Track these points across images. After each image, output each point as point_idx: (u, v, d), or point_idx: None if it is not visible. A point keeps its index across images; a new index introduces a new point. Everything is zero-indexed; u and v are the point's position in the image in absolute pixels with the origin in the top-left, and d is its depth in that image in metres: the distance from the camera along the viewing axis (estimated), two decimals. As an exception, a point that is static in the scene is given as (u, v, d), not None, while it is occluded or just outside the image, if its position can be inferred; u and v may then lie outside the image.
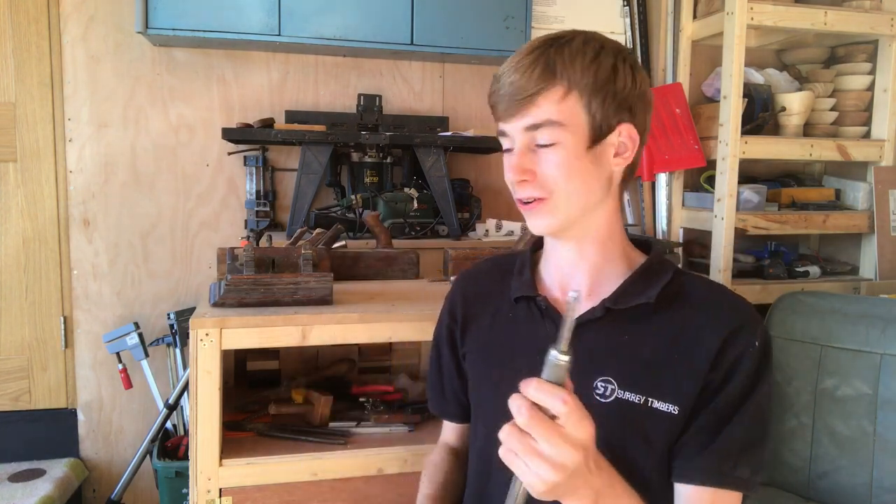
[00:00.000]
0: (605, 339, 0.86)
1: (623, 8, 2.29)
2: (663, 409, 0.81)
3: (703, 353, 0.81)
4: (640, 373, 0.84)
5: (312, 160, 1.93)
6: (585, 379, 0.85)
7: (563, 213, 0.86)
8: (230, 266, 1.40)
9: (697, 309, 0.85)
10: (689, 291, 0.87)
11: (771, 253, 2.20)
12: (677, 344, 0.83)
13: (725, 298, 0.86)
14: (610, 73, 0.82)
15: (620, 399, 0.83)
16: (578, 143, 0.83)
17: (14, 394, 2.03)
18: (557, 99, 0.82)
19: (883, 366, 1.55)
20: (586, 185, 0.85)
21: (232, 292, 1.34)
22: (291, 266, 1.43)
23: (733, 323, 0.82)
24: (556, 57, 0.82)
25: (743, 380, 0.80)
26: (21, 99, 1.96)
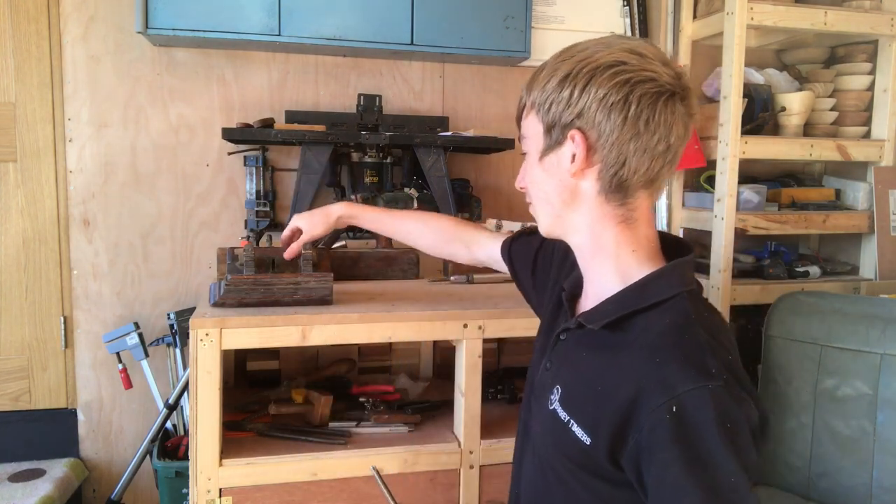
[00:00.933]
0: (573, 352, 0.89)
1: (623, 8, 2.29)
2: (579, 434, 0.80)
3: (618, 399, 0.75)
4: (575, 394, 0.84)
5: (312, 160, 1.93)
6: (551, 384, 0.90)
7: (542, 219, 0.92)
8: (230, 266, 1.40)
9: (636, 350, 0.78)
10: (648, 328, 0.79)
11: (771, 253, 2.20)
12: (605, 378, 0.79)
13: (666, 354, 0.75)
14: (558, 84, 0.82)
15: (555, 412, 0.86)
16: (536, 153, 0.88)
17: (14, 394, 2.03)
18: (525, 114, 0.89)
19: (883, 366, 1.55)
20: (544, 193, 0.89)
21: (232, 292, 1.34)
22: (292, 266, 1.44)
23: (652, 379, 0.73)
24: (531, 77, 0.87)
25: (662, 454, 0.69)
26: (21, 99, 1.96)
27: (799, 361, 1.68)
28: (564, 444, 0.83)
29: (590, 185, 0.84)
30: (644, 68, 0.79)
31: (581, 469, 0.82)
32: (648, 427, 0.71)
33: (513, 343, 1.80)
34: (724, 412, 0.69)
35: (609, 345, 0.82)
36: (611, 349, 0.81)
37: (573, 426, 0.81)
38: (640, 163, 0.81)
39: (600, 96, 0.79)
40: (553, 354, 0.92)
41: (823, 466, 1.61)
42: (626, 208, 0.84)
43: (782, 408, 1.70)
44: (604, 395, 0.78)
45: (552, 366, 0.92)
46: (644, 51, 0.81)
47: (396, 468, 1.37)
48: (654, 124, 0.79)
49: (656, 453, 0.70)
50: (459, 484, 1.41)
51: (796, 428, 1.66)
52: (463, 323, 1.37)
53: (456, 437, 1.44)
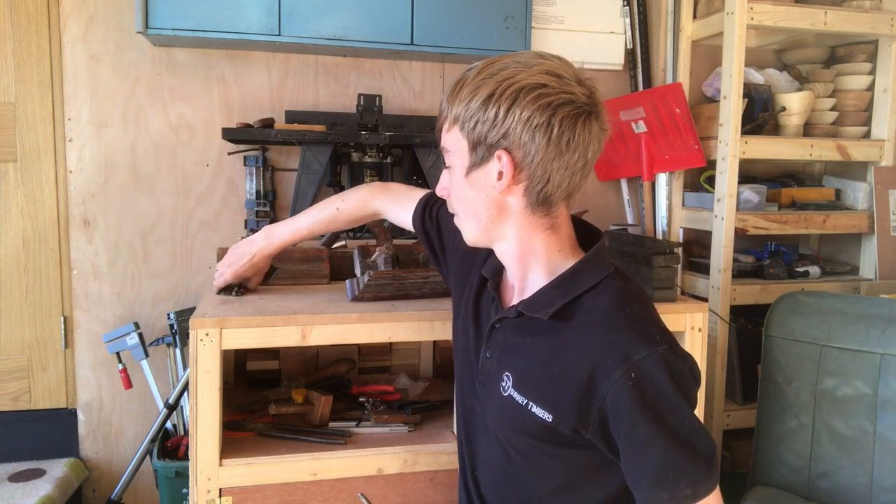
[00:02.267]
0: (513, 339, 0.95)
1: (623, 8, 2.29)
2: (540, 414, 0.88)
3: (575, 377, 0.85)
4: (529, 378, 0.90)
5: (312, 160, 1.93)
6: (499, 371, 0.96)
7: (467, 229, 0.95)
8: (362, 263, 1.47)
9: (585, 330, 0.87)
10: (591, 309, 0.88)
11: (771, 253, 2.20)
12: (560, 359, 0.87)
13: (617, 327, 0.85)
14: (482, 103, 0.87)
15: (511, 396, 0.92)
16: (461, 168, 0.91)
17: (14, 394, 2.03)
18: (446, 129, 0.92)
19: (883, 366, 1.56)
20: (470, 209, 0.93)
21: (372, 287, 1.39)
22: (413, 262, 1.53)
23: (613, 355, 0.82)
24: (452, 90, 0.91)
25: (631, 416, 0.80)
26: (21, 99, 1.96)
27: (799, 361, 1.68)
28: (524, 423, 0.90)
29: (516, 199, 0.90)
30: (563, 90, 0.85)
31: (543, 442, 0.90)
32: (612, 395, 0.81)
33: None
34: (673, 369, 0.82)
35: (554, 329, 0.90)
36: (558, 333, 0.89)
37: (532, 408, 0.89)
38: (562, 179, 0.88)
39: (525, 118, 0.85)
40: (491, 343, 0.98)
41: (823, 466, 1.61)
42: (550, 217, 0.92)
43: (782, 408, 1.70)
44: (561, 375, 0.86)
45: (493, 354, 0.98)
46: (562, 72, 0.87)
47: (396, 468, 1.37)
48: (574, 143, 0.86)
49: (623, 416, 0.81)
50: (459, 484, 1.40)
51: (796, 428, 1.66)
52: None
53: (456, 437, 1.44)
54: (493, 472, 1.01)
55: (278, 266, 1.56)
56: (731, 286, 2.03)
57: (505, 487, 1.00)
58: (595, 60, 2.28)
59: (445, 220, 1.18)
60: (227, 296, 1.42)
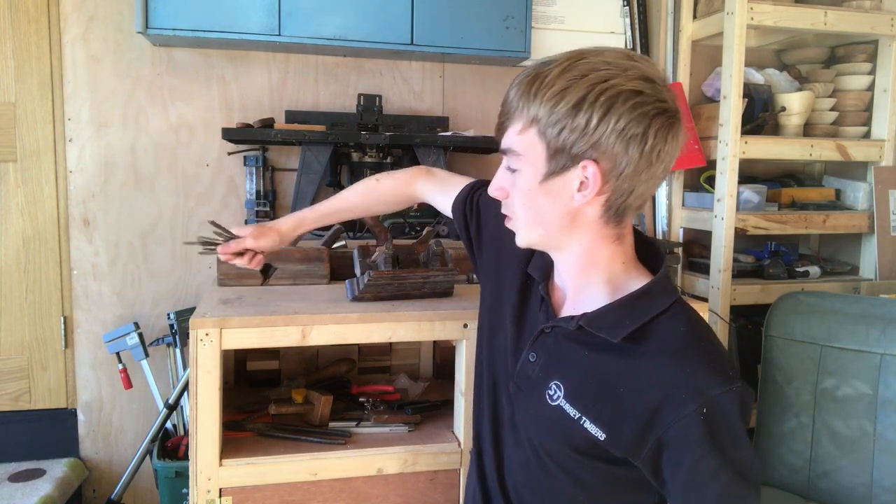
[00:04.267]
0: (567, 348, 0.90)
1: (623, 8, 2.29)
2: (592, 431, 0.84)
3: (642, 402, 0.81)
4: (585, 392, 0.86)
5: (312, 160, 1.93)
6: (545, 378, 0.91)
7: (526, 235, 0.90)
8: (362, 263, 1.46)
9: (659, 358, 0.83)
10: (665, 337, 0.84)
11: (771, 253, 2.20)
12: (628, 383, 0.83)
13: (692, 359, 0.82)
14: (571, 108, 0.79)
15: (561, 407, 0.87)
16: (534, 174, 0.84)
17: (14, 394, 2.03)
18: (519, 129, 0.84)
19: (883, 366, 1.55)
20: (539, 216, 0.86)
21: (372, 287, 1.39)
22: (413, 262, 1.52)
23: (685, 388, 0.79)
24: (528, 87, 0.82)
25: (695, 453, 0.78)
26: (21, 99, 1.96)
27: (799, 361, 1.68)
28: (571, 436, 0.86)
29: (593, 211, 0.85)
30: (658, 98, 0.80)
31: (587, 457, 0.87)
32: (679, 428, 0.79)
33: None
34: (743, 407, 0.80)
35: (622, 350, 0.85)
36: (627, 355, 0.84)
37: (585, 423, 0.85)
38: (644, 190, 0.84)
39: (620, 128, 0.78)
40: (538, 347, 0.93)
41: (823, 466, 1.61)
42: (619, 228, 0.87)
43: (782, 408, 1.70)
44: (626, 397, 0.82)
45: (539, 358, 0.93)
46: (653, 75, 0.81)
47: (396, 468, 1.37)
48: (663, 154, 0.82)
49: (688, 449, 0.78)
50: (459, 484, 1.41)
51: (796, 428, 1.66)
52: (463, 323, 1.37)
53: (456, 437, 1.44)
54: (519, 474, 0.97)
55: (278, 266, 1.55)
56: (731, 286, 2.03)
57: (531, 492, 0.96)
58: (595, 60, 2.28)
59: (486, 208, 1.13)
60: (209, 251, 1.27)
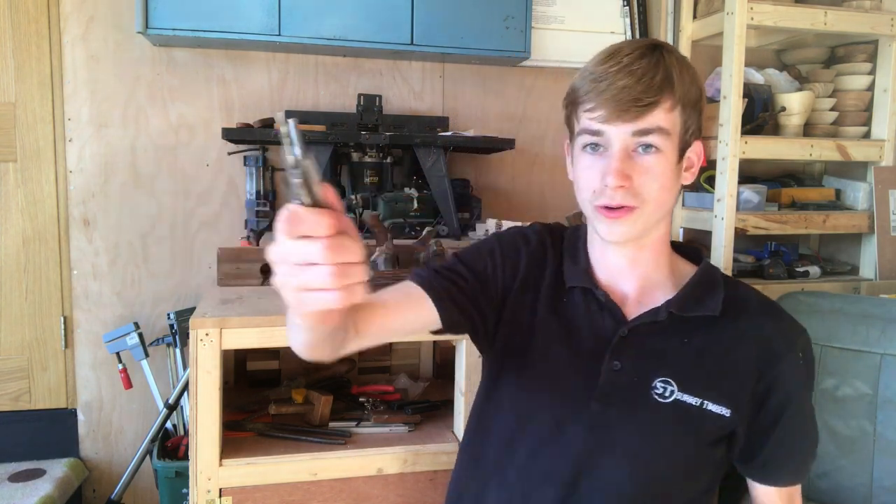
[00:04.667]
0: (666, 342, 0.90)
1: (623, 8, 2.29)
2: (716, 410, 0.87)
3: (754, 361, 0.88)
4: (698, 376, 0.89)
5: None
6: (645, 377, 0.89)
7: (645, 223, 0.88)
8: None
9: (752, 320, 0.91)
10: (746, 302, 0.92)
11: (771, 253, 2.20)
12: (733, 351, 0.89)
13: (776, 312, 0.93)
14: (700, 92, 0.89)
15: (679, 401, 0.88)
16: (673, 153, 0.87)
17: (14, 394, 2.03)
18: (669, 108, 0.85)
19: (883, 366, 1.55)
20: (670, 197, 0.89)
21: (371, 287, 1.37)
22: (413, 262, 1.52)
23: (784, 340, 0.90)
24: (671, 67, 0.85)
25: (793, 390, 0.89)
26: (21, 99, 1.96)
27: (799, 361, 1.68)
28: (699, 426, 0.88)
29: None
30: None
31: (707, 445, 0.90)
32: (785, 373, 0.89)
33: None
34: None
35: (713, 323, 0.90)
36: (720, 325, 0.90)
37: (708, 406, 0.88)
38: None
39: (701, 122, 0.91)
40: (621, 352, 0.89)
41: (823, 466, 1.61)
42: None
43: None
44: (737, 364, 0.89)
45: (626, 364, 0.89)
46: None
47: (396, 468, 1.37)
48: None
49: (794, 391, 0.90)
50: (459, 484, 1.40)
51: (796, 428, 1.66)
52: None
53: (456, 437, 1.44)
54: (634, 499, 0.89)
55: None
56: (731, 286, 2.02)
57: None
58: (595, 60, 2.28)
59: (468, 260, 0.98)
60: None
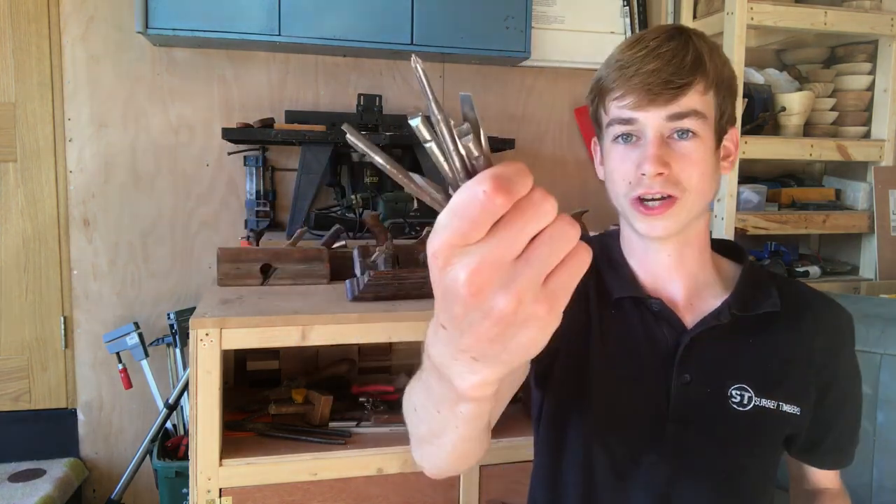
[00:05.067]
0: (735, 347, 0.85)
1: (623, 8, 2.29)
2: (790, 411, 0.85)
3: (818, 354, 0.87)
4: (771, 378, 0.85)
5: (312, 160, 1.93)
6: (720, 387, 0.84)
7: (687, 215, 0.81)
8: (362, 262, 1.46)
9: (812, 315, 0.89)
10: (799, 296, 0.90)
11: (771, 253, 2.20)
12: (799, 348, 0.87)
13: (831, 305, 0.91)
14: (733, 75, 0.84)
15: (758, 406, 0.84)
16: (710, 139, 0.81)
17: (14, 394, 2.03)
18: (702, 90, 0.79)
19: (883, 366, 1.55)
20: (711, 186, 0.83)
21: (372, 287, 1.38)
22: (413, 262, 1.50)
23: (840, 328, 0.90)
24: (701, 48, 0.80)
25: (849, 377, 0.90)
26: (21, 99, 1.96)
27: (799, 361, 1.68)
28: (776, 431, 0.86)
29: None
30: None
31: (781, 445, 0.89)
32: (845, 365, 0.89)
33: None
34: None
35: (772, 321, 0.87)
36: (788, 321, 0.87)
37: (783, 407, 0.85)
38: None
39: (734, 108, 0.87)
40: (687, 364, 0.84)
41: (823, 466, 1.61)
42: None
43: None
44: (803, 362, 0.87)
45: (696, 375, 0.84)
46: None
47: (396, 468, 1.37)
48: None
49: (850, 380, 0.91)
50: (459, 484, 1.41)
51: (796, 428, 1.66)
52: (463, 323, 1.37)
53: None
54: None
55: (278, 266, 1.55)
56: (731, 286, 2.02)
57: None
58: (595, 60, 2.28)
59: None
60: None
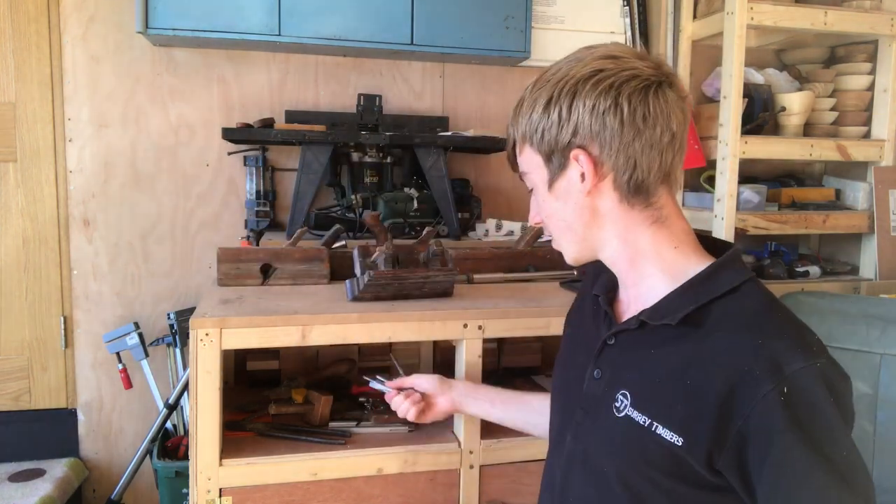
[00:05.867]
0: (632, 353, 0.83)
1: (623, 8, 2.29)
2: (667, 437, 0.75)
3: (713, 390, 0.71)
4: (652, 394, 0.78)
5: (312, 160, 1.93)
6: (612, 389, 0.83)
7: (567, 247, 0.89)
8: (363, 263, 1.45)
9: (726, 336, 0.74)
10: (732, 314, 0.76)
11: (771, 253, 2.20)
12: (693, 370, 0.75)
13: (766, 331, 0.72)
14: (542, 112, 0.81)
15: (630, 417, 0.79)
16: (543, 185, 0.86)
17: (14, 394, 2.03)
18: (519, 151, 0.88)
19: (883, 366, 1.55)
20: (563, 223, 0.87)
21: (372, 287, 1.38)
22: (413, 262, 1.50)
23: (755, 363, 0.70)
24: (514, 112, 0.86)
25: (779, 440, 0.67)
26: (21, 99, 1.96)
27: (799, 361, 1.68)
28: (645, 449, 0.77)
29: (608, 197, 0.82)
30: (622, 68, 0.78)
31: (665, 476, 0.76)
32: (758, 413, 0.68)
33: (513, 343, 1.80)
34: (832, 387, 0.69)
35: (683, 337, 0.77)
36: (689, 340, 0.76)
37: (657, 429, 0.76)
38: (651, 160, 0.79)
39: (589, 108, 0.78)
40: (602, 362, 0.87)
41: (823, 466, 1.61)
42: (653, 208, 0.83)
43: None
44: (694, 388, 0.73)
45: (603, 373, 0.86)
46: (618, 52, 0.80)
47: (396, 468, 1.37)
48: (651, 118, 0.78)
49: (772, 440, 0.68)
50: (459, 484, 1.41)
51: (796, 428, 1.66)
52: (463, 323, 1.37)
53: (456, 437, 1.44)
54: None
55: (278, 266, 1.55)
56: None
57: None
58: (595, 60, 2.28)
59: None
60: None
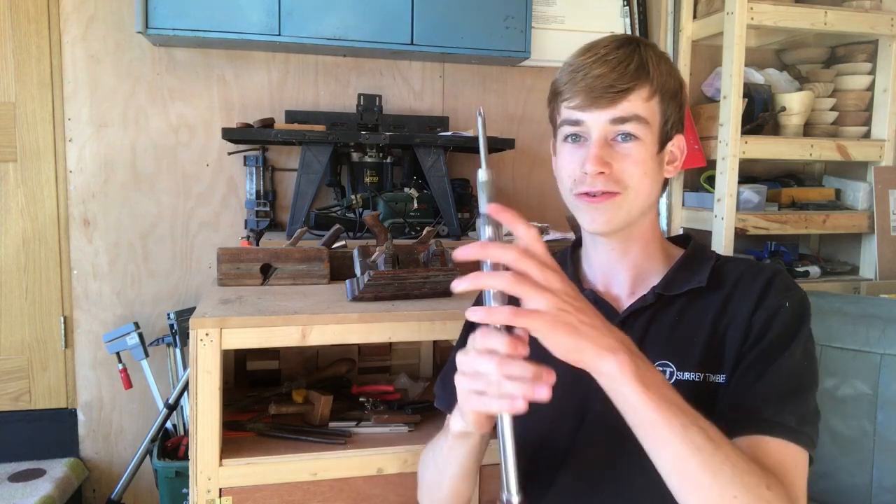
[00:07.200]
0: (657, 325, 0.90)
1: (623, 8, 2.29)
2: (717, 381, 0.85)
3: (741, 321, 0.86)
4: (694, 353, 0.87)
5: (312, 160, 1.93)
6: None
7: (628, 210, 0.89)
8: (362, 263, 1.45)
9: (736, 284, 0.89)
10: (731, 271, 0.91)
11: (771, 253, 2.20)
12: (721, 319, 0.87)
13: (760, 271, 0.90)
14: (680, 85, 0.90)
15: (680, 380, 0.86)
16: (653, 143, 0.88)
17: (14, 394, 2.03)
18: (646, 97, 0.87)
19: (883, 366, 1.55)
20: (653, 186, 0.90)
21: (372, 287, 1.38)
22: (413, 262, 1.51)
23: (764, 289, 0.87)
24: (647, 57, 0.87)
25: (773, 337, 0.84)
26: (21, 99, 1.96)
27: (799, 361, 1.68)
28: (703, 403, 0.79)
29: (664, 184, 0.94)
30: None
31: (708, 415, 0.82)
32: (765, 315, 0.85)
33: (513, 343, 1.80)
34: (808, 317, 0.88)
35: (696, 297, 0.90)
36: (705, 298, 0.89)
37: (710, 378, 0.86)
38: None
39: (682, 116, 0.92)
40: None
41: (823, 466, 1.61)
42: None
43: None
44: (726, 331, 0.87)
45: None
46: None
47: (396, 468, 1.37)
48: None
49: (770, 328, 0.84)
50: (459, 484, 1.40)
51: (796, 428, 1.66)
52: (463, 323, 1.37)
53: None
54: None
55: (278, 266, 1.55)
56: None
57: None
58: (595, 60, 2.28)
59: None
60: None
